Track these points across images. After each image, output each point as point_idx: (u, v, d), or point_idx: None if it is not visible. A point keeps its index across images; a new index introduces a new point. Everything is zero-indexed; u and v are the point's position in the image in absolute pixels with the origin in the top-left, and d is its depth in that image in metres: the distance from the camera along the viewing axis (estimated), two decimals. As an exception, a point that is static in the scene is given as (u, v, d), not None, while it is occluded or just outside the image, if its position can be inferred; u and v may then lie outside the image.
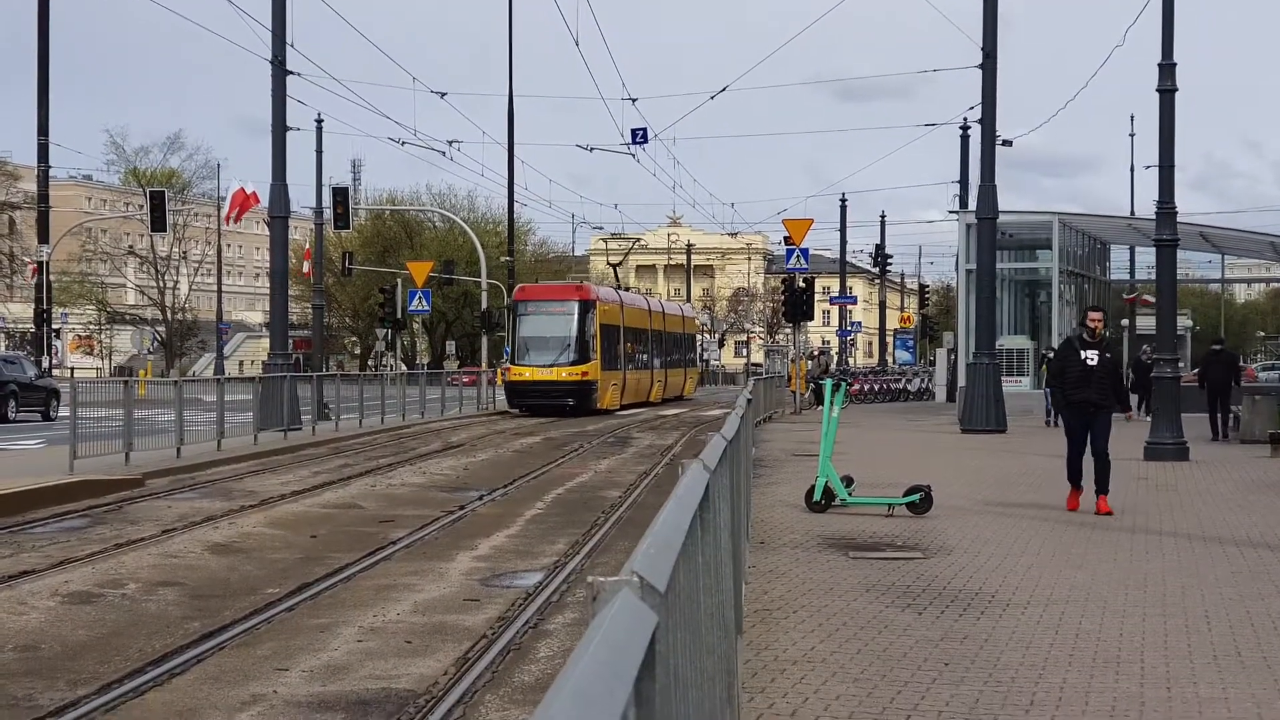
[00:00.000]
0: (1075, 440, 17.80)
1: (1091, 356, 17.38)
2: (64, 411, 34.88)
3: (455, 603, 12.55)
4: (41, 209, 59.31)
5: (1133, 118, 75.19)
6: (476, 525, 18.27)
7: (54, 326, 69.78)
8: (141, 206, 70.40)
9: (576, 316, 50.48)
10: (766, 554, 14.08)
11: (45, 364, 54.88)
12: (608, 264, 65.24)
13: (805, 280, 48.05)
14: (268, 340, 40.12)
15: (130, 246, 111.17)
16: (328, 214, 55.16)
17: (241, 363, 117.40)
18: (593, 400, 50.36)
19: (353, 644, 10.69)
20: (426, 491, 22.57)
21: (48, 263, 59.94)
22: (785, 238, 48.18)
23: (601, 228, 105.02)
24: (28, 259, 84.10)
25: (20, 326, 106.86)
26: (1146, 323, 50.91)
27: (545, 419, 46.48)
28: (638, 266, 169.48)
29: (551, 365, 49.75)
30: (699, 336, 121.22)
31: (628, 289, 65.93)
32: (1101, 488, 17.67)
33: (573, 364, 49.89)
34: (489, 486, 23.22)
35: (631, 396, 56.65)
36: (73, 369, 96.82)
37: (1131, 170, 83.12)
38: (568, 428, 41.89)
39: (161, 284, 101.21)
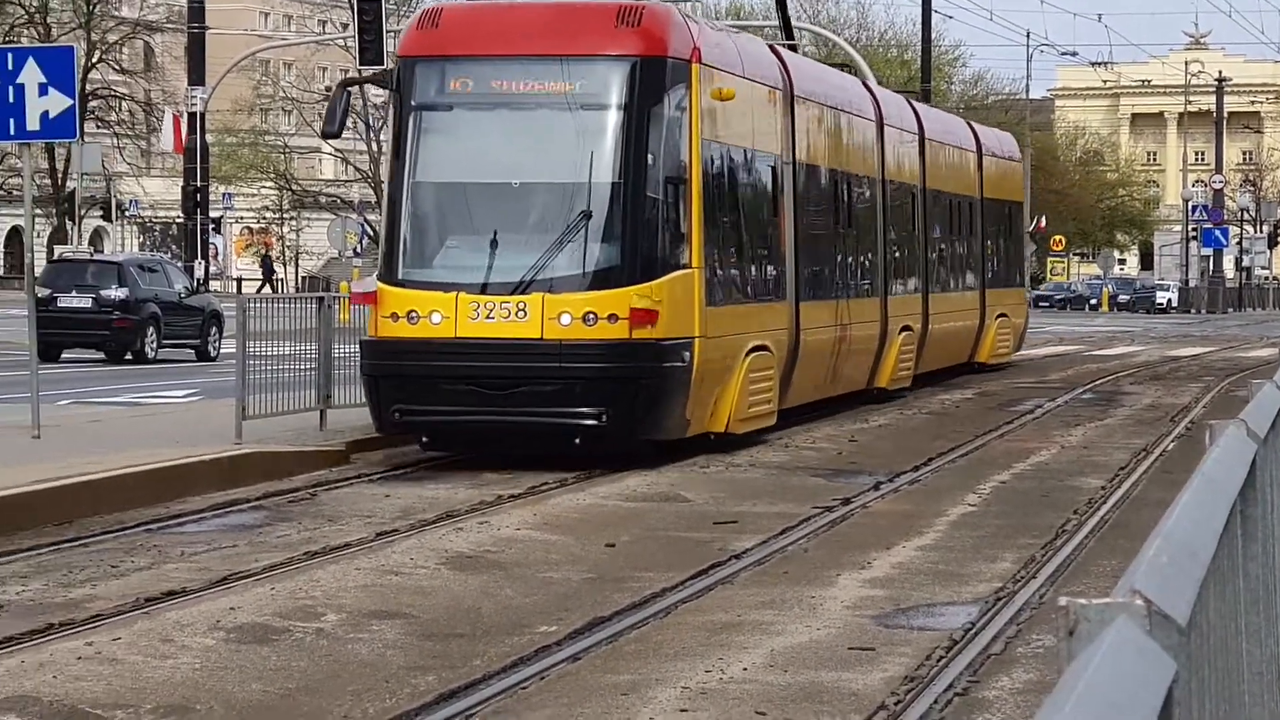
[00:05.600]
0: None
1: None
2: (228, 346, 27.23)
3: (835, 652, 9.91)
4: (194, 30, 42.31)
5: None
6: (869, 530, 14.40)
7: (212, 215, 51.71)
8: (346, 26, 52.84)
9: (623, 110, 15.95)
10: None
11: (200, 272, 42.30)
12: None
13: None
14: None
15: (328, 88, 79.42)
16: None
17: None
18: (671, 405, 16.68)
19: (672, 714, 8.61)
20: (789, 474, 17.64)
21: (203, 115, 42.50)
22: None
23: (1075, 54, 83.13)
24: (174, 109, 54.51)
25: (162, 215, 76.54)
26: None
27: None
28: (1134, 115, 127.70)
29: (520, 287, 15.69)
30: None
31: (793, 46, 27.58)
32: None
33: (600, 280, 15.94)
34: (889, 467, 18.09)
35: (810, 386, 20.77)
36: (240, 280, 72.30)
37: None
38: (1011, 377, 29.79)
39: (378, 146, 64.80)
